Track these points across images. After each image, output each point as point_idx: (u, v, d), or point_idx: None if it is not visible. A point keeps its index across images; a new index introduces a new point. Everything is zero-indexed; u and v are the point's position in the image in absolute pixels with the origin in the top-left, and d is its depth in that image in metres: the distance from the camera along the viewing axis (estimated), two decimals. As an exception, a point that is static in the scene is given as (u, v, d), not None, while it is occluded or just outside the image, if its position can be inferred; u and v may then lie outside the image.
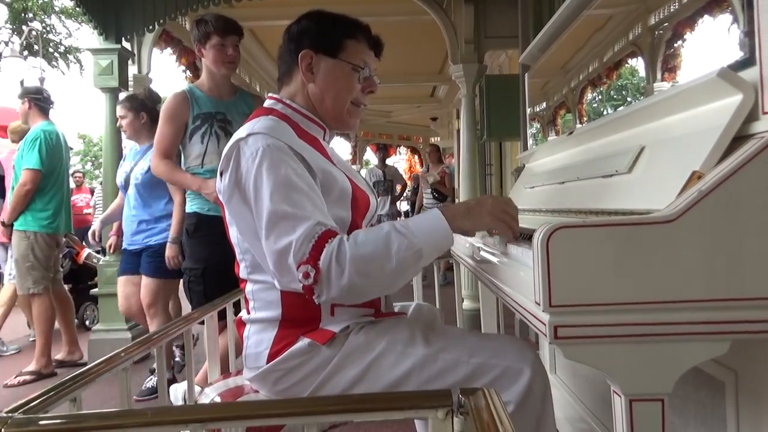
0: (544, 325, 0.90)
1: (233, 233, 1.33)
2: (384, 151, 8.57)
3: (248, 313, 1.36)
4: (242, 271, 1.36)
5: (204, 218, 2.50)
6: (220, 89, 2.58)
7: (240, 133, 1.27)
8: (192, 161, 2.53)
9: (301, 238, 1.12)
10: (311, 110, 1.40)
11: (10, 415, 0.81)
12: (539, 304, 0.92)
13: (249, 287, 1.35)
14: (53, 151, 3.68)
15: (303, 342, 1.26)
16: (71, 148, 4.11)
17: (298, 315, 1.28)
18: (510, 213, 1.25)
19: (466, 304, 4.26)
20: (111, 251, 3.76)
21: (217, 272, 2.34)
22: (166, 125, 2.50)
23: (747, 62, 1.01)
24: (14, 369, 3.82)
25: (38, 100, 3.77)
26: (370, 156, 13.53)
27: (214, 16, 2.46)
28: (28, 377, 3.66)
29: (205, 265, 2.46)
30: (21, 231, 3.67)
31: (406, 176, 11.91)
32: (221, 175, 1.29)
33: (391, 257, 1.13)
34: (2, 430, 0.77)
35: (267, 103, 1.42)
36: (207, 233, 2.46)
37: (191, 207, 2.57)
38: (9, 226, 3.72)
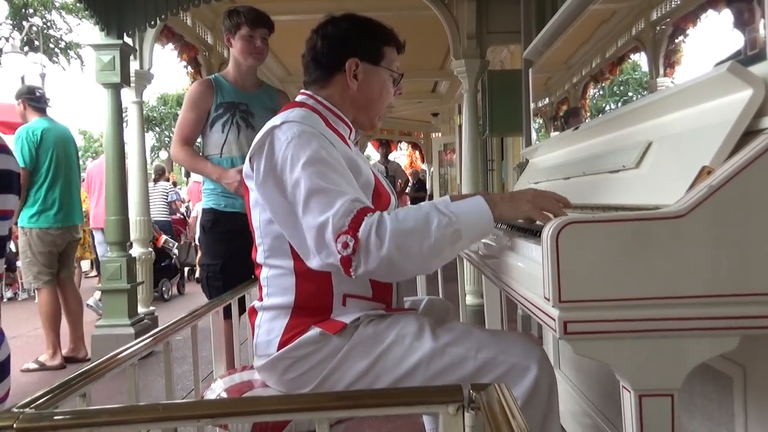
0: (554, 320, 0.90)
1: (256, 216, 1.35)
2: (386, 146, 8.59)
3: (261, 300, 1.38)
4: (259, 256, 1.38)
5: (221, 214, 2.51)
6: (245, 80, 2.59)
7: (274, 121, 1.30)
8: (211, 149, 2.54)
9: (341, 211, 1.14)
10: (342, 109, 1.42)
11: (21, 410, 0.81)
12: (549, 300, 0.92)
13: (264, 273, 1.37)
14: (38, 147, 3.73)
15: (314, 331, 1.28)
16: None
17: (311, 303, 1.30)
18: (554, 198, 1.22)
19: (469, 300, 4.27)
20: None
21: (236, 267, 2.35)
22: (189, 111, 2.51)
23: (756, 57, 1.00)
24: (28, 358, 3.94)
25: (31, 100, 3.87)
26: (371, 151, 13.54)
27: (247, 8, 2.48)
28: (31, 366, 3.80)
29: (223, 260, 2.47)
30: (20, 228, 3.78)
31: (407, 172, 11.91)
32: (251, 159, 1.31)
33: (431, 233, 1.14)
34: (14, 425, 0.77)
35: (298, 98, 1.44)
36: (224, 229, 2.47)
37: (207, 203, 2.57)
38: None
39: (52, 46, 20.53)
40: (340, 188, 1.18)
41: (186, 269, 7.81)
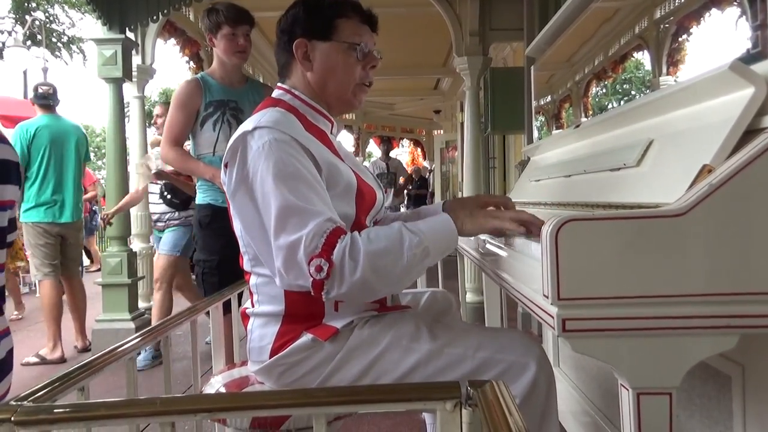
0: (553, 318, 0.90)
1: (237, 226, 1.32)
2: (388, 143, 8.57)
3: (252, 306, 1.36)
4: (246, 264, 1.35)
5: (218, 210, 2.48)
6: (232, 78, 2.57)
7: (246, 125, 1.24)
8: (203, 149, 2.51)
9: (312, 233, 1.10)
10: (316, 100, 1.38)
11: (19, 403, 0.81)
12: (547, 297, 0.91)
13: (253, 280, 1.35)
14: (29, 144, 3.80)
15: (306, 338, 1.26)
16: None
17: (302, 310, 1.28)
18: (514, 215, 1.24)
19: (470, 297, 4.27)
20: None
21: (232, 264, 2.34)
22: (178, 112, 2.48)
23: (758, 56, 1.00)
24: (29, 351, 3.98)
25: (35, 97, 3.96)
26: (373, 148, 13.53)
27: (226, 5, 2.44)
28: (32, 360, 3.83)
29: (219, 256, 2.45)
30: (22, 222, 3.89)
31: (409, 169, 11.91)
32: (226, 167, 1.27)
33: (403, 254, 1.13)
34: (12, 418, 0.77)
35: (275, 94, 1.39)
36: (221, 225, 2.43)
37: (204, 198, 2.55)
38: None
39: (54, 40, 20.53)
40: (313, 207, 1.14)
41: None
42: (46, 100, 3.93)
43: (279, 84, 1.41)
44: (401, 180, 8.43)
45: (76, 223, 4.02)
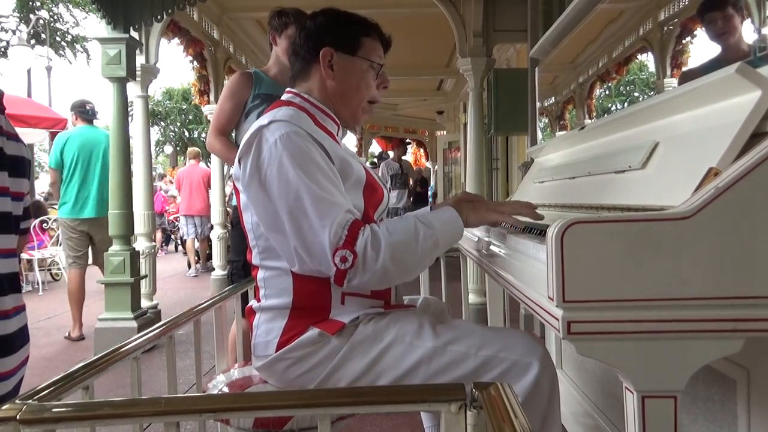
0: (557, 320, 0.90)
1: (247, 219, 1.35)
2: (404, 146, 8.73)
3: (258, 301, 1.37)
4: (255, 258, 1.37)
5: None
6: (285, 77, 2.62)
7: (262, 120, 1.29)
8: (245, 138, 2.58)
9: (335, 224, 1.16)
10: (326, 104, 1.42)
11: (24, 402, 0.81)
12: (552, 300, 0.91)
13: (261, 274, 1.36)
14: (62, 150, 4.37)
15: (312, 332, 1.27)
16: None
17: (309, 303, 1.30)
18: (517, 202, 1.33)
19: (472, 298, 4.27)
20: None
21: None
22: (227, 102, 2.55)
23: (766, 59, 1.00)
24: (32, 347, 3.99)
25: (81, 112, 4.54)
26: (376, 149, 13.55)
27: (294, 10, 2.55)
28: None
29: (245, 257, 2.48)
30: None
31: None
32: (240, 161, 1.30)
33: (418, 245, 1.22)
34: (17, 416, 0.77)
35: (284, 97, 1.43)
36: None
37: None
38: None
39: (58, 39, 20.60)
40: (333, 197, 1.19)
41: None
42: (89, 115, 4.53)
43: (288, 88, 1.45)
44: (411, 182, 8.55)
45: (101, 219, 4.33)
